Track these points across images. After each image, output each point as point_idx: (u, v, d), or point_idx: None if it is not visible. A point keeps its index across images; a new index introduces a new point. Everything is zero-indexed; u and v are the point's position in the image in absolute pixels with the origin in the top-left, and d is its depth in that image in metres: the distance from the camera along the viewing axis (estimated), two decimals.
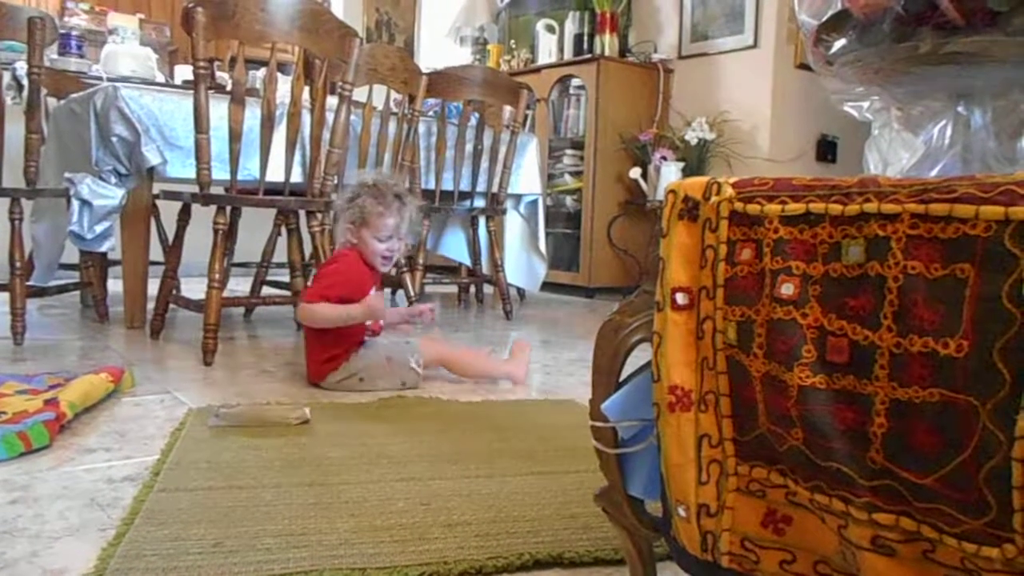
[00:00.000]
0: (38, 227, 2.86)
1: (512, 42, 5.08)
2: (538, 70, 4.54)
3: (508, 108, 3.37)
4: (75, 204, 2.38)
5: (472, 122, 3.22)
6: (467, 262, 3.72)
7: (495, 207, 3.33)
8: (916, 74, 1.71)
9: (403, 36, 6.17)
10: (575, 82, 4.37)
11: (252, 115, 2.43)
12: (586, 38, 4.42)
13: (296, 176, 2.48)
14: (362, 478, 1.28)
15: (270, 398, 1.81)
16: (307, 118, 2.48)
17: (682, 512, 0.73)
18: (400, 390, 1.94)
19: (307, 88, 2.44)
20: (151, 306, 2.61)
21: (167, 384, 1.92)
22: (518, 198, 3.67)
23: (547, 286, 3.99)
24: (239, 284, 3.80)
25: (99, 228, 2.40)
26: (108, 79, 3.32)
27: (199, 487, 1.21)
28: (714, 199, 0.71)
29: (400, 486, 1.25)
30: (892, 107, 2.11)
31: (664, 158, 4.03)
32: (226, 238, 2.30)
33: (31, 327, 2.42)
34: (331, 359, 1.94)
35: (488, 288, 3.81)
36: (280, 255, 3.11)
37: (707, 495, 0.71)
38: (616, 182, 4.27)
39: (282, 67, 2.93)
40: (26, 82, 2.47)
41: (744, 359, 0.68)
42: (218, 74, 3.75)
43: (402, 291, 3.19)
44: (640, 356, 0.78)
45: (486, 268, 3.60)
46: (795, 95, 3.95)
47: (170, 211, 2.86)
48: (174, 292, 2.50)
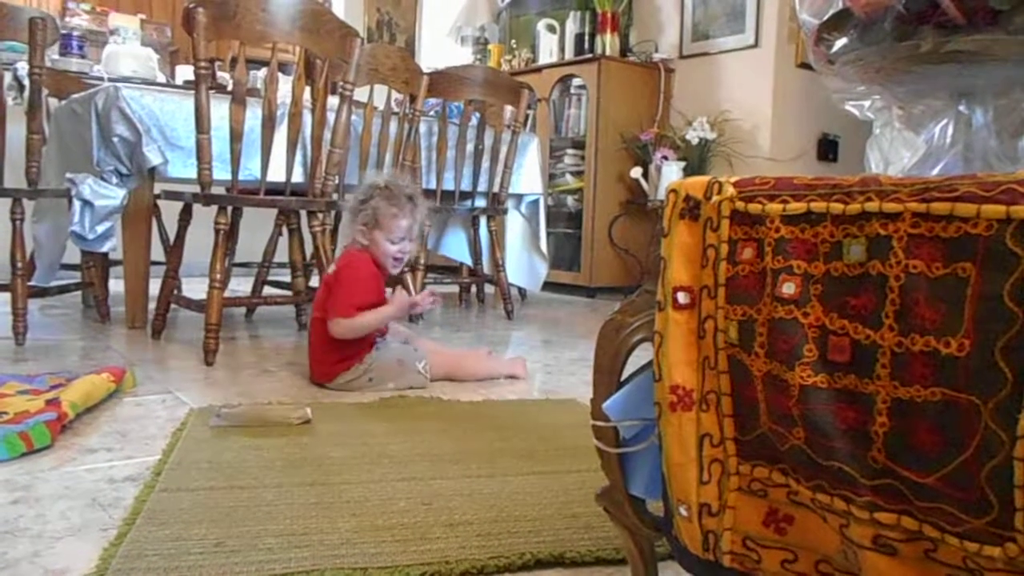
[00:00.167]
0: (40, 227, 2.87)
1: (513, 42, 5.08)
2: (539, 70, 4.54)
3: (509, 108, 3.37)
4: (76, 204, 2.38)
5: (473, 122, 3.22)
6: (468, 262, 3.72)
7: (496, 207, 3.33)
8: (917, 73, 1.71)
9: (404, 36, 6.18)
10: (576, 82, 4.37)
11: (253, 115, 2.43)
12: (587, 38, 4.42)
13: (297, 176, 2.48)
14: (363, 478, 1.28)
15: (271, 398, 1.81)
16: (308, 118, 2.48)
17: (684, 511, 0.73)
18: (404, 391, 1.94)
19: (308, 88, 2.44)
20: (152, 306, 2.61)
21: (168, 384, 1.92)
22: (519, 198, 3.67)
23: (548, 286, 3.99)
24: (240, 284, 3.80)
25: (100, 228, 2.40)
26: (109, 79, 3.33)
27: (201, 487, 1.22)
28: (715, 198, 0.71)
29: (402, 486, 1.25)
30: (893, 106, 2.11)
31: (665, 158, 4.03)
32: (227, 238, 2.30)
33: (33, 327, 2.42)
34: (344, 360, 1.94)
35: (489, 288, 3.81)
36: (281, 255, 3.12)
37: (709, 494, 0.71)
38: (617, 182, 4.27)
39: (283, 67, 2.94)
40: (27, 82, 2.47)
41: (745, 358, 0.68)
42: (219, 74, 3.75)
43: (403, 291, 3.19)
44: (641, 355, 0.78)
45: (487, 268, 3.60)
46: (796, 94, 3.95)
47: (171, 211, 2.86)
48: (175, 292, 2.50)
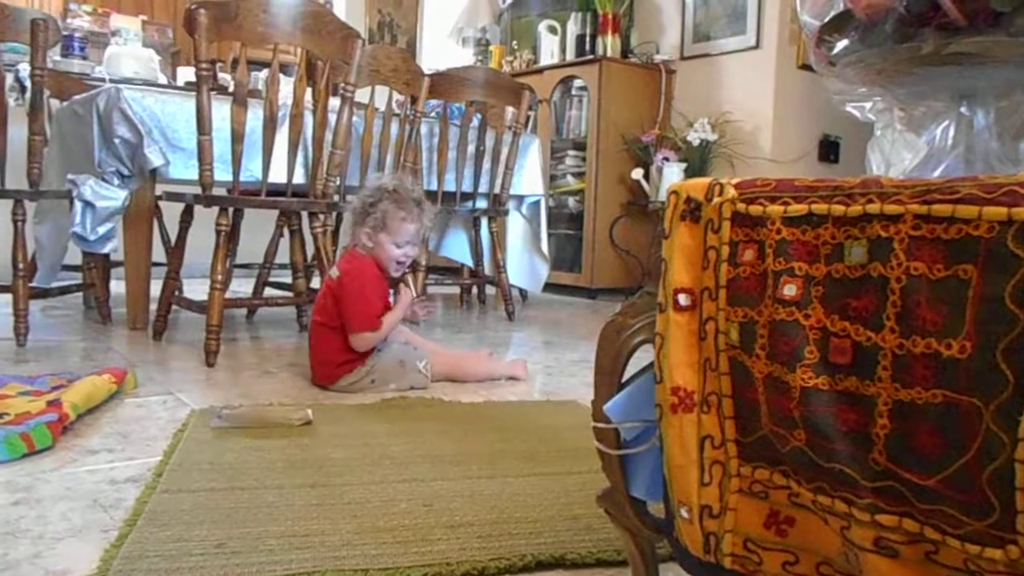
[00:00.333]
0: (41, 228, 2.87)
1: (514, 43, 5.08)
2: (540, 71, 4.54)
3: (510, 109, 3.37)
4: (78, 205, 2.38)
5: (474, 123, 3.22)
6: (469, 263, 3.72)
7: (497, 208, 3.33)
8: (918, 75, 1.71)
9: (405, 37, 6.18)
10: (577, 83, 4.37)
11: (254, 116, 2.43)
12: (588, 39, 4.42)
13: (298, 177, 2.48)
14: (364, 479, 1.28)
15: (272, 399, 1.81)
16: (309, 119, 2.48)
17: (685, 513, 0.73)
18: (406, 392, 1.94)
19: (309, 89, 2.44)
20: (154, 307, 2.62)
21: (170, 385, 1.93)
22: (520, 199, 3.67)
23: (549, 287, 3.99)
24: (241, 285, 3.80)
25: (102, 229, 2.41)
26: (111, 81, 3.33)
27: (202, 488, 1.22)
28: (716, 200, 0.71)
29: (402, 487, 1.25)
30: (895, 108, 2.11)
31: (666, 159, 4.03)
32: (228, 239, 2.30)
33: (34, 328, 2.42)
34: (347, 363, 1.94)
35: (490, 289, 3.81)
36: (282, 256, 3.12)
37: (710, 496, 0.71)
38: (618, 183, 4.27)
39: (284, 68, 2.94)
40: (29, 84, 2.48)
41: (747, 360, 0.68)
42: (220, 75, 3.76)
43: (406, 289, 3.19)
44: (642, 357, 0.78)
45: (488, 269, 3.60)
46: (797, 96, 3.95)
47: (172, 212, 2.86)
48: (177, 293, 2.50)
